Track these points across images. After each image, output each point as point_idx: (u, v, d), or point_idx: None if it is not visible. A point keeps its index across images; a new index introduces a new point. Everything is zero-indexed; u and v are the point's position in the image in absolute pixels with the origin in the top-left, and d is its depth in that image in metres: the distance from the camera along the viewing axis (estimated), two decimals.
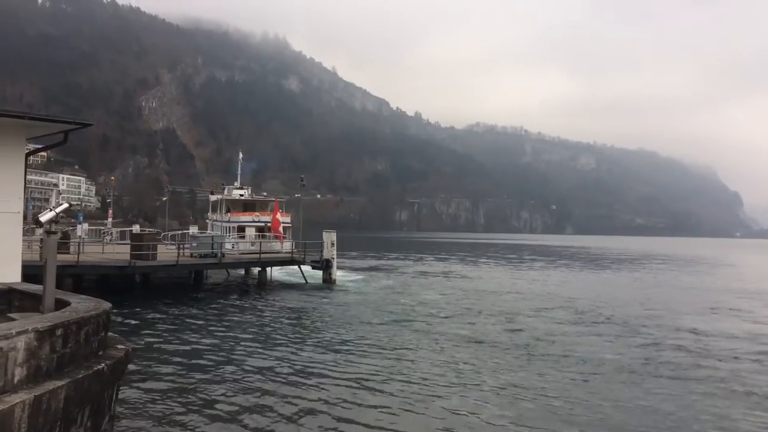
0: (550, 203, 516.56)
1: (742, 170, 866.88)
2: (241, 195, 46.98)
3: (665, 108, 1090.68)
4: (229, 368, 15.11)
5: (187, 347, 17.76)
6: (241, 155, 55.72)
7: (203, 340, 18.82)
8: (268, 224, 41.31)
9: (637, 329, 22.93)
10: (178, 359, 16.07)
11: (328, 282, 36.01)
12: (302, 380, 14.11)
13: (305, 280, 36.10)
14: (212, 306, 26.87)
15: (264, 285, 35.23)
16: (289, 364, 15.65)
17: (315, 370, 15.06)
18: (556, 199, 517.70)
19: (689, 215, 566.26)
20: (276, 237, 40.06)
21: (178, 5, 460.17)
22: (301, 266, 36.75)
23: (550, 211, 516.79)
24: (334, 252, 37.12)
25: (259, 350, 17.50)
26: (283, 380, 14.08)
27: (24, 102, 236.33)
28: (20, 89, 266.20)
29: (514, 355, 17.50)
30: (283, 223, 41.17)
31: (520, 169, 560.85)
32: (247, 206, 45.35)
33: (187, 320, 22.77)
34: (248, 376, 14.31)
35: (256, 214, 43.85)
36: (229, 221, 43.89)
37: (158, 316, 23.69)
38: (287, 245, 39.62)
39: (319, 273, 36.64)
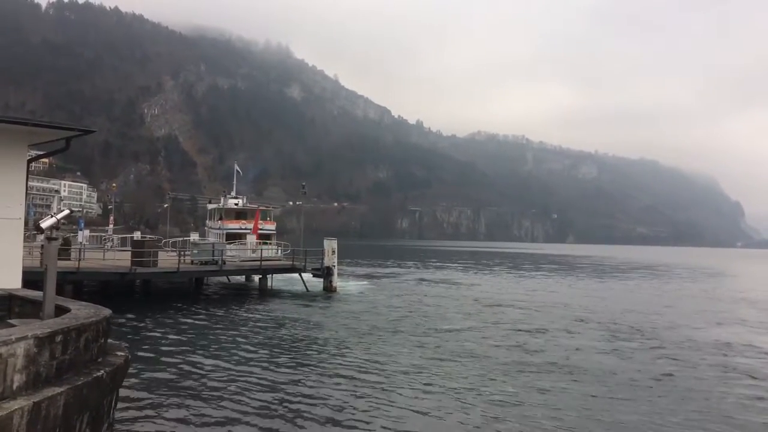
0: (551, 212, 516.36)
1: (744, 180, 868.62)
2: (236, 204, 50.00)
3: (666, 117, 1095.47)
4: (229, 376, 15.05)
5: (187, 355, 17.70)
6: (237, 166, 58.46)
7: (203, 348, 18.76)
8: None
9: (651, 340, 22.64)
10: (178, 367, 16.01)
11: (329, 290, 35.94)
12: (300, 389, 14.05)
13: (306, 288, 36.03)
14: (213, 313, 26.81)
15: (264, 292, 35.19)
16: (287, 373, 15.59)
17: (312, 380, 14.99)
18: (558, 208, 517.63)
19: (691, 225, 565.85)
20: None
21: (181, 13, 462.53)
22: (302, 274, 36.73)
23: (552, 220, 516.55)
24: (335, 260, 37.09)
25: (258, 359, 17.43)
26: (283, 389, 14.02)
27: (27, 109, 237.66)
28: (23, 96, 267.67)
29: (530, 373, 17.03)
30: (267, 230, 44.86)
31: (522, 177, 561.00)
32: (239, 215, 48.29)
33: (187, 327, 22.71)
34: (248, 385, 14.25)
35: (244, 222, 46.58)
36: (219, 228, 46.92)
37: (158, 323, 23.63)
38: (272, 251, 41.09)
39: (320, 281, 36.62)
